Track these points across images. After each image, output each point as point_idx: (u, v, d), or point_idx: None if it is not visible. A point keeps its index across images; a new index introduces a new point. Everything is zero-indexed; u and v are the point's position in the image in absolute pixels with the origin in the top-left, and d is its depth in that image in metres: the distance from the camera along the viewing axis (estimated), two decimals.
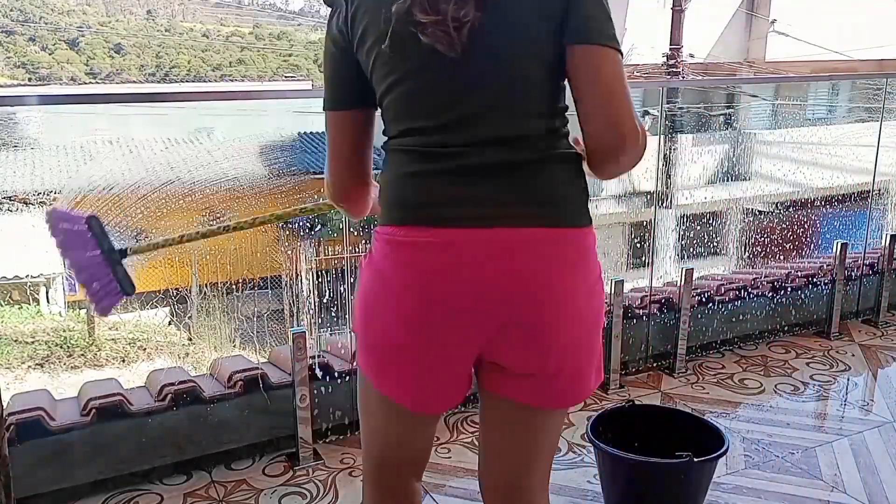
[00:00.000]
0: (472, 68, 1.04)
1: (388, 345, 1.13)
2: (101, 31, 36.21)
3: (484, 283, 1.05)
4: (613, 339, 2.73)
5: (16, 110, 2.55)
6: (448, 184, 1.06)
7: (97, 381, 2.28)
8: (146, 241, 1.54)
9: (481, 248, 1.04)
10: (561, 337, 1.09)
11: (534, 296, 1.06)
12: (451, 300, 1.06)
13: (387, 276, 1.10)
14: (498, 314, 1.06)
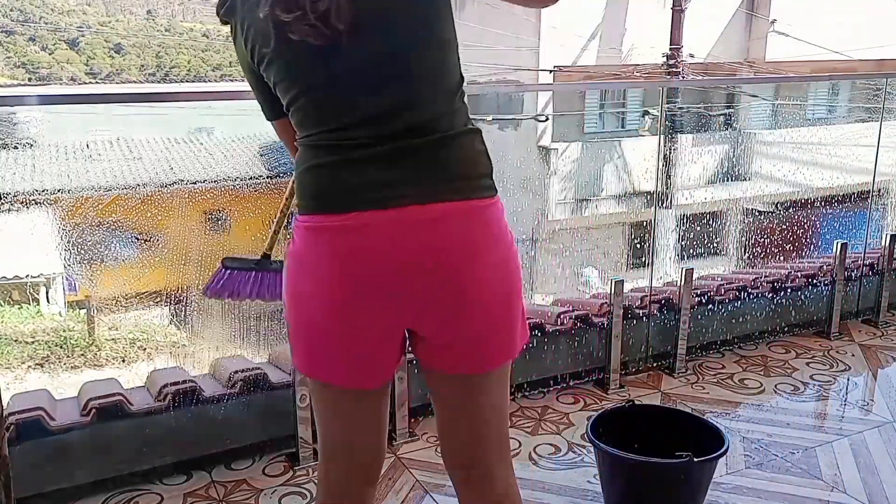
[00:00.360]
0: (359, 62, 1.07)
1: (315, 329, 1.18)
2: (101, 31, 36.19)
3: (398, 259, 1.10)
4: (613, 339, 2.73)
5: (16, 110, 2.55)
6: (358, 171, 1.10)
7: (97, 381, 2.28)
8: (269, 235, 1.64)
9: (394, 227, 1.09)
10: (477, 302, 1.14)
11: (447, 266, 1.11)
12: (368, 279, 1.11)
13: (306, 262, 1.15)
14: (415, 288, 1.11)
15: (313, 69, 1.10)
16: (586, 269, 9.60)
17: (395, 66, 1.08)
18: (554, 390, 2.71)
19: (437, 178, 1.10)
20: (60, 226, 3.63)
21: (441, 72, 1.11)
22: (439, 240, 1.10)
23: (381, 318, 1.15)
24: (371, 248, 1.10)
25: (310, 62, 1.09)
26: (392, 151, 1.09)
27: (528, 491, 2.09)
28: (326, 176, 1.13)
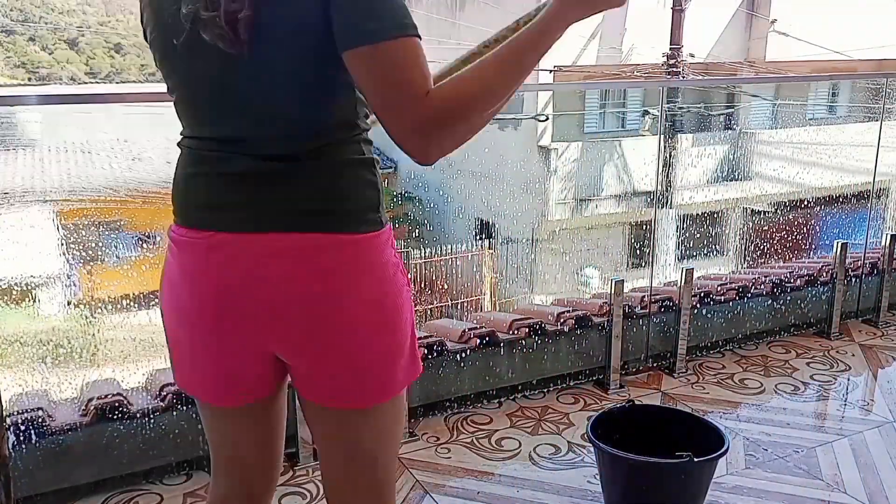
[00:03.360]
0: (242, 72, 1.03)
1: (173, 338, 1.18)
2: (101, 31, 36.18)
3: (242, 283, 1.06)
4: (613, 339, 2.73)
5: (16, 110, 2.55)
6: (214, 187, 1.08)
7: (97, 381, 2.28)
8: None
9: (238, 251, 1.06)
10: (322, 338, 1.08)
11: (290, 298, 1.06)
12: (211, 299, 1.09)
13: (168, 271, 1.15)
14: (257, 313, 1.08)
15: (194, 68, 1.07)
16: (586, 269, 9.61)
17: (268, 88, 1.03)
18: (554, 390, 2.71)
19: (288, 208, 1.05)
20: (60, 226, 3.63)
21: (316, 105, 1.04)
22: (283, 269, 1.05)
23: (229, 339, 1.11)
24: (212, 269, 1.08)
25: (192, 53, 1.04)
26: (247, 173, 1.05)
27: (528, 491, 2.10)
28: (191, 187, 1.11)
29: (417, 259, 9.70)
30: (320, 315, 1.06)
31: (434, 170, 12.19)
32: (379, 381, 1.13)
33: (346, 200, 1.06)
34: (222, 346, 1.13)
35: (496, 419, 2.51)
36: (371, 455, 1.17)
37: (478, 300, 9.45)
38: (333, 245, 1.05)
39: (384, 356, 1.12)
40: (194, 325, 1.13)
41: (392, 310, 1.11)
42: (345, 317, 1.07)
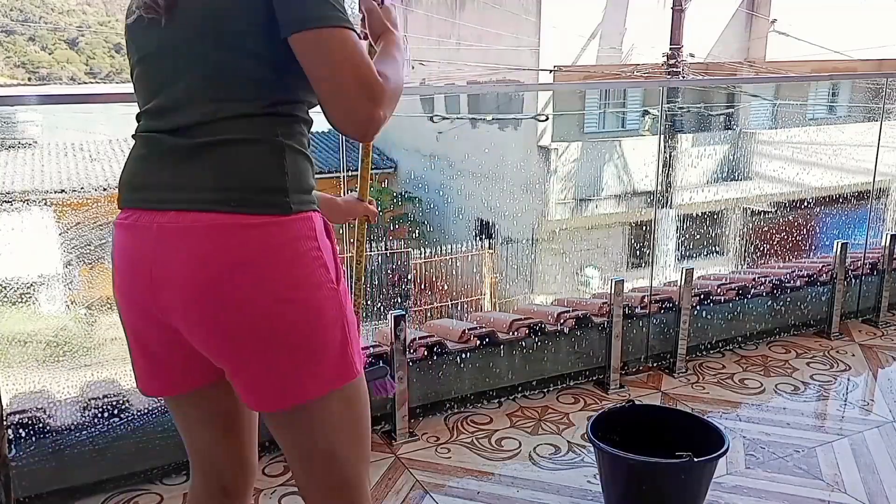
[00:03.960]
0: (166, 46, 1.08)
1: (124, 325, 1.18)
2: (100, 31, 36.17)
3: (153, 265, 1.06)
4: (613, 339, 2.73)
5: (16, 110, 2.55)
6: (138, 169, 1.11)
7: (97, 381, 2.28)
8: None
9: (152, 231, 1.06)
10: (221, 330, 1.06)
11: (194, 283, 1.04)
12: (135, 281, 1.10)
13: (114, 261, 1.15)
14: (162, 299, 1.07)
15: (139, 43, 1.12)
16: (586, 269, 9.60)
17: (189, 60, 1.06)
18: (554, 390, 2.71)
19: (198, 185, 1.04)
20: (60, 225, 3.63)
21: (232, 78, 1.05)
22: (189, 251, 1.03)
23: (151, 324, 1.11)
24: (136, 251, 1.08)
25: (139, 35, 1.12)
26: (169, 149, 1.07)
27: (528, 491, 2.10)
28: (128, 170, 1.13)
29: (417, 259, 9.70)
30: (219, 304, 1.04)
31: (434, 170, 12.19)
32: (293, 381, 1.08)
33: (244, 181, 1.04)
34: (146, 330, 1.13)
35: (496, 419, 2.51)
36: (325, 453, 1.15)
37: (478, 300, 9.45)
38: (230, 226, 1.03)
39: (295, 354, 1.07)
40: (121, 308, 1.15)
41: (303, 305, 1.06)
42: (245, 309, 1.04)
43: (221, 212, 1.03)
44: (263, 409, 1.13)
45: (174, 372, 1.17)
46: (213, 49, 1.04)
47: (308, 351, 1.08)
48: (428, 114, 12.11)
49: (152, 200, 1.07)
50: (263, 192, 1.05)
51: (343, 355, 1.12)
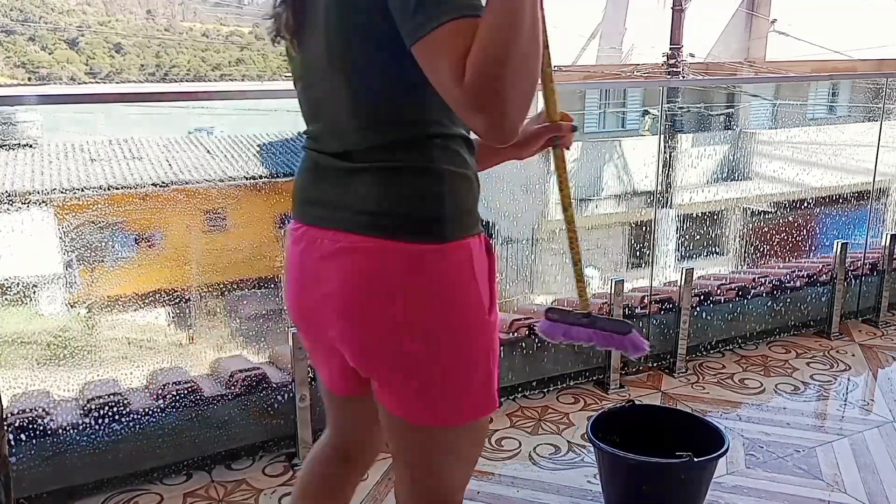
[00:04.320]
0: (313, 71, 1.08)
1: (299, 330, 1.26)
2: (101, 31, 36.18)
3: (314, 276, 1.11)
4: None
5: (15, 110, 2.55)
6: (307, 184, 1.14)
7: (97, 381, 2.28)
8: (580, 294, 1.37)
9: (316, 246, 1.10)
10: (355, 345, 1.09)
11: (338, 300, 1.07)
12: (300, 288, 1.15)
13: (287, 269, 1.20)
14: (319, 308, 1.11)
15: (293, 65, 1.14)
16: (586, 269, 9.59)
17: (334, 85, 1.04)
18: (554, 390, 2.71)
19: (356, 208, 1.05)
20: (60, 225, 3.63)
21: (381, 103, 1.02)
22: (343, 270, 1.06)
23: (310, 327, 1.18)
24: (301, 262, 1.13)
25: (293, 55, 1.13)
26: (330, 170, 1.08)
27: (528, 491, 2.10)
28: (296, 183, 1.18)
29: None
30: (364, 326, 1.06)
31: None
32: (430, 406, 1.09)
33: (400, 207, 1.03)
34: (305, 331, 1.22)
35: (496, 419, 2.51)
36: (435, 474, 1.16)
37: None
38: (382, 250, 1.03)
39: (437, 383, 1.08)
40: (291, 313, 1.22)
41: (450, 335, 1.05)
42: (390, 334, 1.05)
43: (375, 236, 1.03)
44: (395, 414, 1.14)
45: (333, 374, 1.24)
46: (344, 70, 1.02)
47: (451, 381, 1.08)
48: None
49: (316, 216, 1.11)
50: (418, 220, 1.03)
51: (486, 387, 1.10)
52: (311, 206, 1.12)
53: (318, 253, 1.09)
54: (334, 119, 1.06)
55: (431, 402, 1.09)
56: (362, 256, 1.04)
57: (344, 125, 1.05)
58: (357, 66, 1.01)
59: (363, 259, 1.04)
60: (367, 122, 1.03)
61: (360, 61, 1.00)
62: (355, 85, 1.02)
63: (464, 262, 1.04)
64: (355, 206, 1.05)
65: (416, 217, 1.03)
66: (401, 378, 1.08)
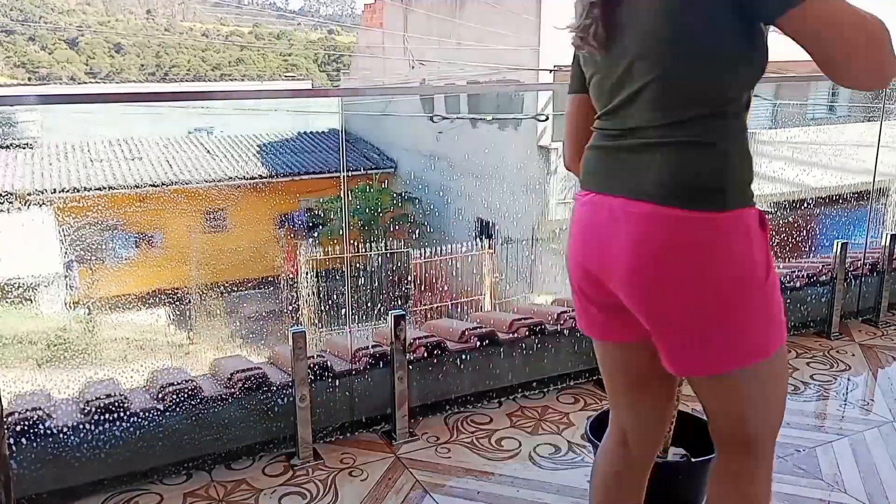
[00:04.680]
0: (616, 67, 1.24)
1: (572, 280, 1.42)
2: (101, 31, 36.18)
3: (602, 237, 1.27)
4: None
5: (15, 110, 2.55)
6: (601, 157, 1.31)
7: (97, 381, 2.28)
8: None
9: (605, 211, 1.26)
10: (649, 304, 1.24)
11: (626, 258, 1.22)
12: (586, 247, 1.32)
13: (572, 229, 1.38)
14: (606, 265, 1.27)
15: (587, 64, 1.32)
16: None
17: (639, 72, 1.20)
18: (554, 390, 2.71)
19: (642, 179, 1.20)
20: (60, 226, 3.64)
21: (680, 86, 1.18)
22: (631, 233, 1.21)
23: (592, 283, 1.34)
24: (590, 224, 1.31)
25: (587, 57, 1.30)
26: (619, 146, 1.26)
27: (528, 491, 2.10)
28: (590, 159, 1.35)
29: (418, 259, 9.70)
30: (651, 282, 1.21)
31: (434, 170, 12.20)
32: (710, 357, 1.22)
33: (685, 179, 1.17)
34: (584, 287, 1.38)
35: (496, 419, 2.51)
36: (736, 415, 1.29)
37: (478, 300, 9.45)
38: (667, 217, 1.17)
39: (716, 337, 1.20)
40: (576, 272, 1.38)
41: (726, 295, 1.18)
42: (673, 291, 1.20)
43: (661, 204, 1.17)
44: (681, 375, 1.33)
45: (605, 323, 1.40)
46: (660, 63, 1.18)
47: (728, 334, 1.20)
48: (428, 114, 12.11)
49: (604, 186, 1.28)
50: (701, 191, 1.16)
51: (765, 335, 1.23)
52: (598, 176, 1.30)
53: (607, 216, 1.25)
54: (634, 103, 1.22)
55: (713, 354, 1.22)
56: (655, 223, 1.18)
57: (644, 108, 1.20)
58: (674, 57, 1.17)
59: (656, 226, 1.18)
60: (669, 103, 1.18)
61: (680, 53, 1.16)
62: (665, 74, 1.17)
63: (742, 230, 1.18)
64: (650, 177, 1.19)
65: (704, 187, 1.17)
66: (683, 335, 1.23)
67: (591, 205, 1.31)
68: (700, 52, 1.16)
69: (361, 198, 11.95)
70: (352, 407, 2.37)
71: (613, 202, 1.24)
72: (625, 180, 1.23)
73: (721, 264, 1.17)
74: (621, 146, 1.25)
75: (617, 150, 1.27)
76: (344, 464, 2.22)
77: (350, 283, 2.53)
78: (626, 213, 1.22)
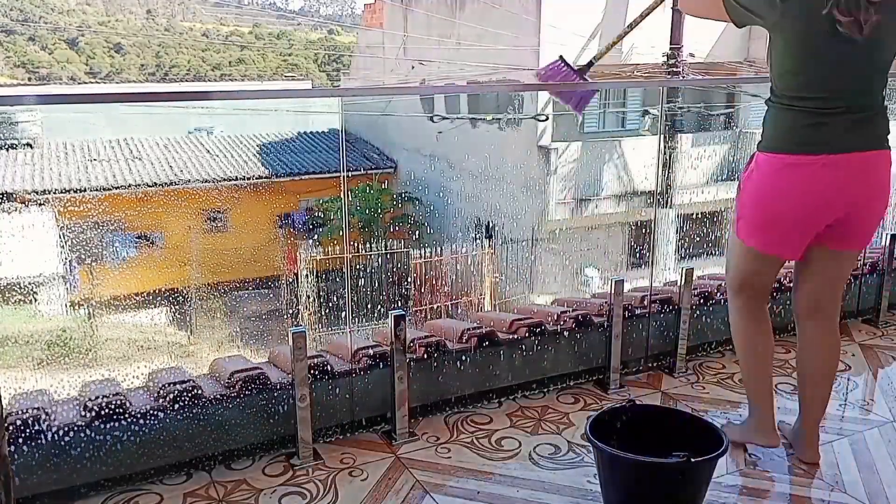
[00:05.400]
0: (857, 56, 1.89)
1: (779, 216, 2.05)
2: (100, 31, 36.18)
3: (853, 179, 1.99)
4: (613, 339, 2.73)
5: (16, 110, 2.55)
6: (842, 124, 1.94)
7: (97, 381, 2.28)
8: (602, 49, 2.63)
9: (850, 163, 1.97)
10: (871, 214, 2.06)
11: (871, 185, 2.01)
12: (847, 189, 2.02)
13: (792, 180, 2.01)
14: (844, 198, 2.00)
15: (826, 46, 1.89)
16: (586, 269, 9.60)
17: (873, 66, 1.92)
18: (554, 390, 2.71)
19: (870, 137, 1.96)
20: (60, 226, 3.64)
21: (883, 73, 1.94)
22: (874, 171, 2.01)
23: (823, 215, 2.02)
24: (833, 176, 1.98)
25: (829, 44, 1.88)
26: (853, 117, 1.93)
27: (528, 491, 2.10)
28: (810, 129, 1.96)
29: (418, 259, 9.70)
30: (873, 197, 2.02)
31: (434, 170, 12.20)
32: (869, 239, 2.15)
33: (886, 133, 1.99)
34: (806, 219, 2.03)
35: (496, 419, 2.51)
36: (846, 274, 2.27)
37: (478, 300, 9.45)
38: (885, 157, 1.99)
39: (879, 222, 2.13)
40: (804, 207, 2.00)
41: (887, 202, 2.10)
42: (881, 200, 2.05)
43: (882, 150, 1.98)
44: (860, 248, 2.28)
45: (803, 244, 2.09)
46: (886, 55, 1.91)
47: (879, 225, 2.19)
48: (428, 114, 12.11)
49: (855, 145, 1.95)
50: (888, 139, 1.98)
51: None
52: (835, 142, 1.94)
53: (859, 166, 1.97)
54: (862, 84, 1.93)
55: (871, 237, 2.15)
56: (881, 161, 1.99)
57: (868, 88, 1.94)
58: (890, 53, 1.92)
59: (883, 164, 1.99)
60: (881, 85, 1.95)
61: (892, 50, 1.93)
62: (884, 64, 1.92)
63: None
64: (880, 134, 1.98)
65: (887, 137, 1.99)
66: (873, 228, 2.11)
67: (838, 162, 1.96)
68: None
69: (361, 198, 11.95)
70: (352, 407, 2.37)
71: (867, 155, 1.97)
72: (864, 140, 1.95)
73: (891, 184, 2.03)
74: (859, 116, 1.95)
75: (850, 121, 1.95)
76: (344, 464, 2.22)
77: (350, 284, 2.53)
78: (867, 157, 1.96)
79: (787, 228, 2.02)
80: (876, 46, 1.84)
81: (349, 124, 14.48)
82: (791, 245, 2.07)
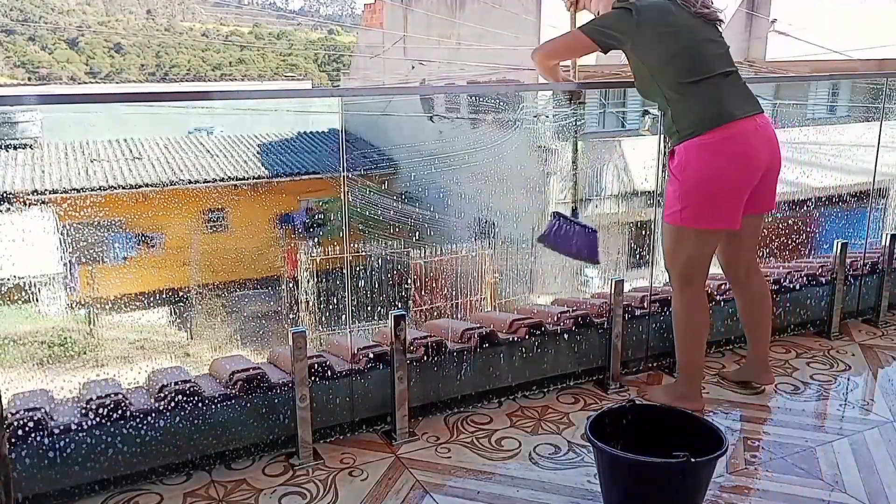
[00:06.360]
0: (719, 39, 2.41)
1: (729, 190, 2.32)
2: (100, 31, 36.18)
3: (767, 142, 2.37)
4: (613, 339, 2.73)
5: (16, 110, 2.55)
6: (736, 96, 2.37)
7: (97, 381, 2.28)
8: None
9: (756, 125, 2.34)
10: (774, 171, 2.41)
11: (770, 152, 2.37)
12: (759, 155, 2.35)
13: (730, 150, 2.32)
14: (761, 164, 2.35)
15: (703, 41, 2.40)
16: (586, 270, 9.59)
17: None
18: (554, 390, 2.71)
19: (751, 99, 2.36)
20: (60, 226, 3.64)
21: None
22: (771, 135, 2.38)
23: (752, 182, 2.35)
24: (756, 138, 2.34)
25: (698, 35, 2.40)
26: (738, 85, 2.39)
27: (528, 491, 2.10)
28: (727, 98, 2.34)
29: (417, 259, 9.69)
30: (777, 158, 2.39)
31: (434, 170, 12.19)
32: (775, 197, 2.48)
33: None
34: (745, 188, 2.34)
35: (496, 419, 2.51)
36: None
37: (478, 300, 9.45)
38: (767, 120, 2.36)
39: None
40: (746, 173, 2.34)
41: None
42: (780, 161, 2.40)
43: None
44: (766, 211, 2.51)
45: (741, 211, 2.34)
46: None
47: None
48: (428, 114, 12.11)
49: (750, 110, 2.34)
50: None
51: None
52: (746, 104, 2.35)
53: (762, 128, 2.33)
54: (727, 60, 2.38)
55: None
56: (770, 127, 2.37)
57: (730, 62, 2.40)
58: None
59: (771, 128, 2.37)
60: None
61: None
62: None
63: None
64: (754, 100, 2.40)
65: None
66: (776, 191, 2.46)
67: (755, 125, 2.32)
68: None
69: (361, 198, 11.94)
70: (352, 407, 2.37)
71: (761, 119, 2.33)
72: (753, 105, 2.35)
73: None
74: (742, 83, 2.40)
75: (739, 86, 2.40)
76: (344, 464, 2.22)
77: (350, 284, 2.53)
78: (766, 124, 2.34)
79: (730, 196, 2.28)
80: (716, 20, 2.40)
81: (349, 124, 14.47)
82: (735, 214, 2.31)
